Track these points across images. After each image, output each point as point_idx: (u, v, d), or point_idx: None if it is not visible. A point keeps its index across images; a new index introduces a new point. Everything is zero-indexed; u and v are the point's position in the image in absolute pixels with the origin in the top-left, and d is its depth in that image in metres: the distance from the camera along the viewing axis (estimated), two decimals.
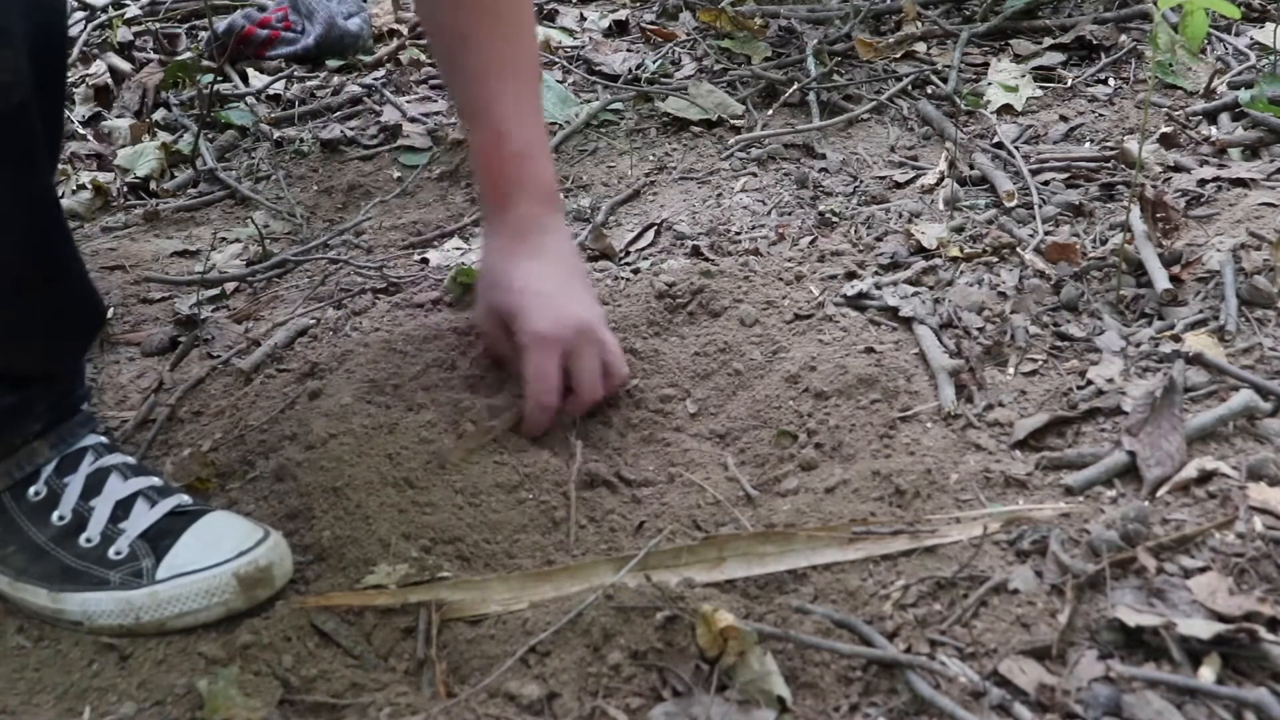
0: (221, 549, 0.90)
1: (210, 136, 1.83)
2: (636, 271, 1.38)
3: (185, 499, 0.96)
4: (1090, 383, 1.06)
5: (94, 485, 0.95)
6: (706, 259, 1.36)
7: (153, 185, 1.75)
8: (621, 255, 1.43)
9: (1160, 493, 0.92)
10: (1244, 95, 1.60)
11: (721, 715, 0.78)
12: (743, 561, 0.90)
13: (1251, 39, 1.83)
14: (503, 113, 1.13)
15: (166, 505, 0.94)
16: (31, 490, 0.95)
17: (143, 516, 0.93)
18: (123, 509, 0.94)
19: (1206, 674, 0.76)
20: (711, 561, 0.90)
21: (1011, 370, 1.11)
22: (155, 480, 0.97)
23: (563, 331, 1.07)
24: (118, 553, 0.92)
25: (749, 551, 0.91)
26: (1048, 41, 1.90)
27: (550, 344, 1.07)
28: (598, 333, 1.10)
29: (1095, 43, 1.87)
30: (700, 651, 0.82)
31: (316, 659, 0.86)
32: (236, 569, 0.89)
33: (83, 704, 0.84)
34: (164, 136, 1.87)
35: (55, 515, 0.94)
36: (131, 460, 1.00)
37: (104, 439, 1.00)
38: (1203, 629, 0.78)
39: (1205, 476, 0.92)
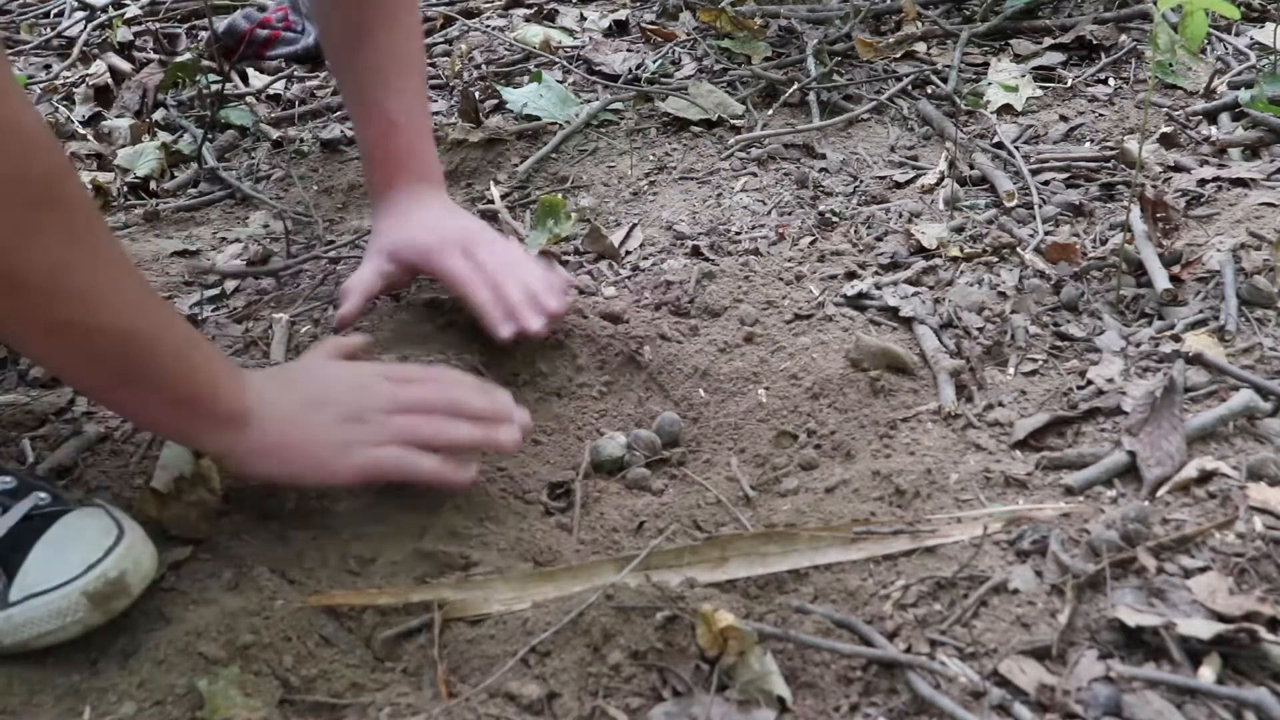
0: (69, 564, 0.85)
1: (210, 136, 1.83)
2: (636, 271, 1.38)
3: (42, 497, 0.91)
4: (1090, 383, 1.06)
5: None
6: (706, 259, 1.37)
7: (153, 185, 1.75)
8: (622, 255, 1.43)
9: (1160, 493, 0.91)
10: (1244, 95, 1.60)
11: (721, 715, 0.78)
12: (745, 561, 0.90)
13: (1251, 39, 1.83)
14: (398, 105, 1.23)
15: (20, 510, 0.89)
16: None
17: None
18: None
19: (1206, 674, 0.76)
20: (714, 561, 0.90)
21: (1011, 370, 1.11)
22: (6, 481, 0.91)
23: (450, 234, 1.20)
24: None
25: (751, 551, 0.91)
26: (1048, 41, 1.90)
27: (448, 247, 1.18)
28: (490, 232, 1.23)
29: (1095, 43, 1.87)
30: (700, 651, 0.82)
31: (316, 659, 0.86)
32: (85, 586, 0.84)
33: (83, 704, 0.83)
34: (164, 136, 1.87)
35: None
36: None
37: None
38: (1203, 629, 0.78)
39: (1205, 476, 0.92)
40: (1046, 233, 1.35)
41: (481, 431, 0.99)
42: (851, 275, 1.29)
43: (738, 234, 1.42)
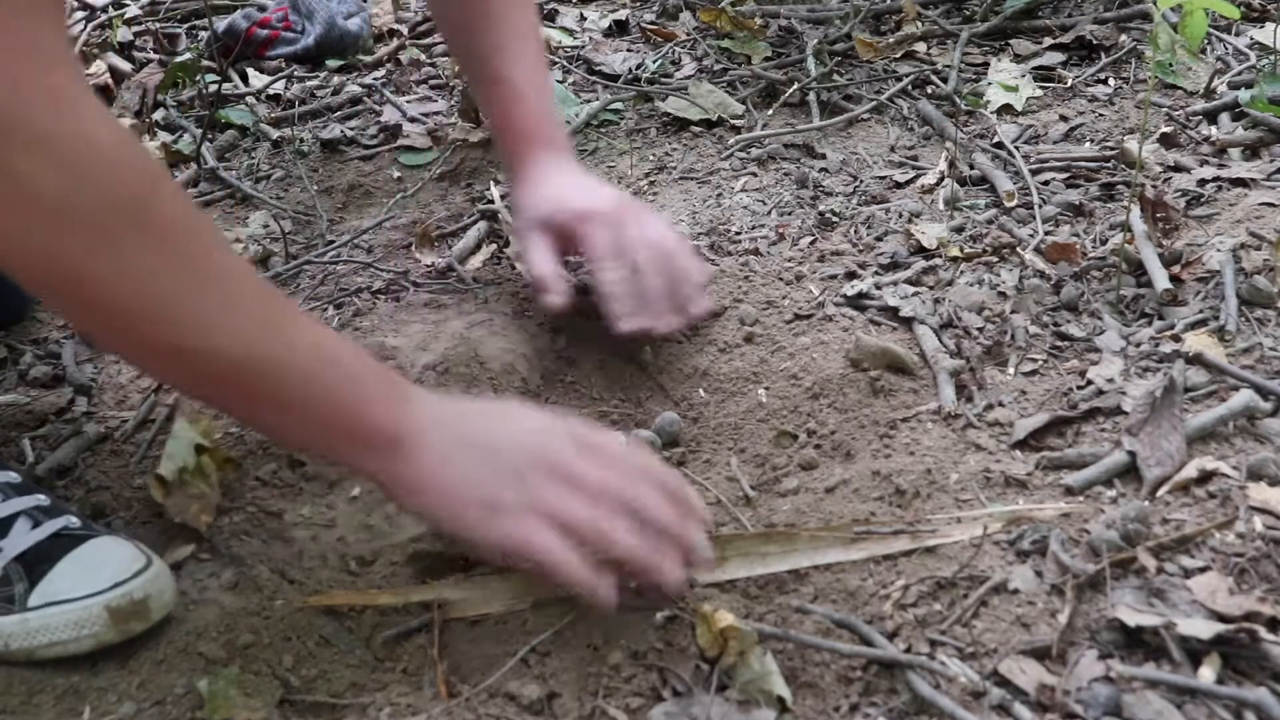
0: (98, 578, 0.86)
1: (210, 136, 1.83)
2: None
3: (74, 521, 0.92)
4: (1090, 383, 1.06)
5: None
6: (707, 259, 1.36)
7: None
8: None
9: (1160, 493, 0.92)
10: (1244, 95, 1.60)
11: (721, 715, 0.78)
12: (745, 561, 0.90)
13: (1251, 39, 1.83)
14: (523, 76, 1.22)
15: (52, 527, 0.91)
16: None
17: (22, 537, 0.90)
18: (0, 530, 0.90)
19: (1207, 674, 0.76)
20: (714, 561, 0.90)
21: (1011, 370, 1.11)
22: (41, 499, 0.94)
23: (601, 203, 1.17)
24: None
25: (751, 551, 0.91)
26: (1048, 41, 1.90)
27: (597, 215, 1.15)
28: (641, 205, 1.21)
29: (1095, 43, 1.87)
30: (700, 651, 0.82)
31: (316, 659, 0.86)
32: (109, 601, 0.85)
33: (83, 704, 0.83)
34: (164, 136, 1.87)
35: None
36: (15, 478, 0.96)
37: None
38: (1203, 629, 0.78)
39: (1205, 476, 0.92)
40: (1046, 233, 1.34)
41: (646, 557, 0.82)
42: (851, 275, 1.29)
43: (738, 234, 1.42)
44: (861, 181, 1.54)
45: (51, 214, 0.73)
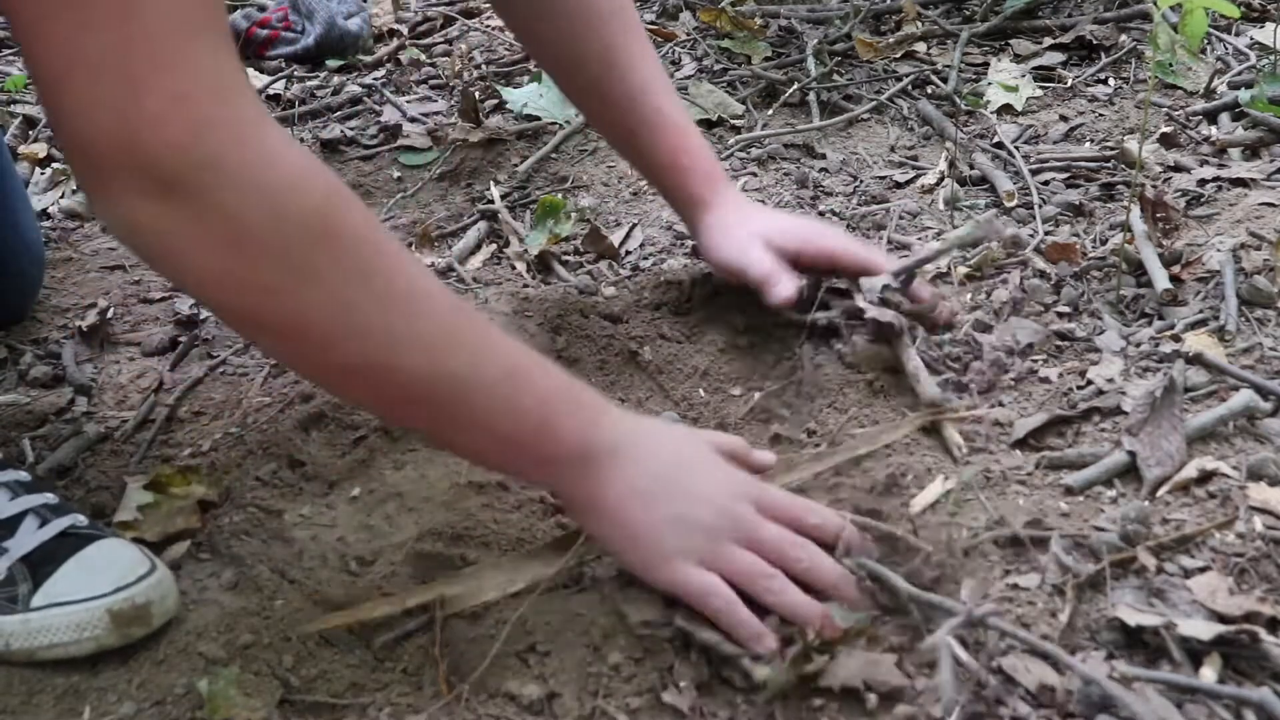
0: (101, 581, 0.87)
1: None
2: (636, 271, 1.38)
3: (81, 519, 0.93)
4: (1090, 383, 1.06)
5: None
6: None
7: None
8: (622, 255, 1.43)
9: (1160, 493, 0.91)
10: (1244, 95, 1.60)
11: None
12: None
13: (1251, 39, 1.83)
14: (675, 108, 1.20)
15: (59, 525, 0.91)
16: None
17: (29, 536, 0.90)
18: (7, 528, 0.91)
19: (1208, 674, 0.76)
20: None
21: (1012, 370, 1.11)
22: (49, 498, 0.94)
23: (814, 226, 1.19)
24: None
25: None
26: (1048, 41, 1.90)
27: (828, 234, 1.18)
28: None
29: (1095, 43, 1.87)
30: None
31: (316, 659, 0.86)
32: (111, 605, 0.86)
33: (83, 704, 0.84)
34: None
35: None
36: (25, 476, 0.97)
37: None
38: (1203, 629, 0.78)
39: (1205, 476, 0.92)
40: (1046, 233, 1.34)
41: (805, 616, 0.83)
42: None
43: None
44: (861, 181, 1.54)
45: (247, 242, 0.74)
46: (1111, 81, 1.77)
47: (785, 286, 1.13)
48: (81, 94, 0.70)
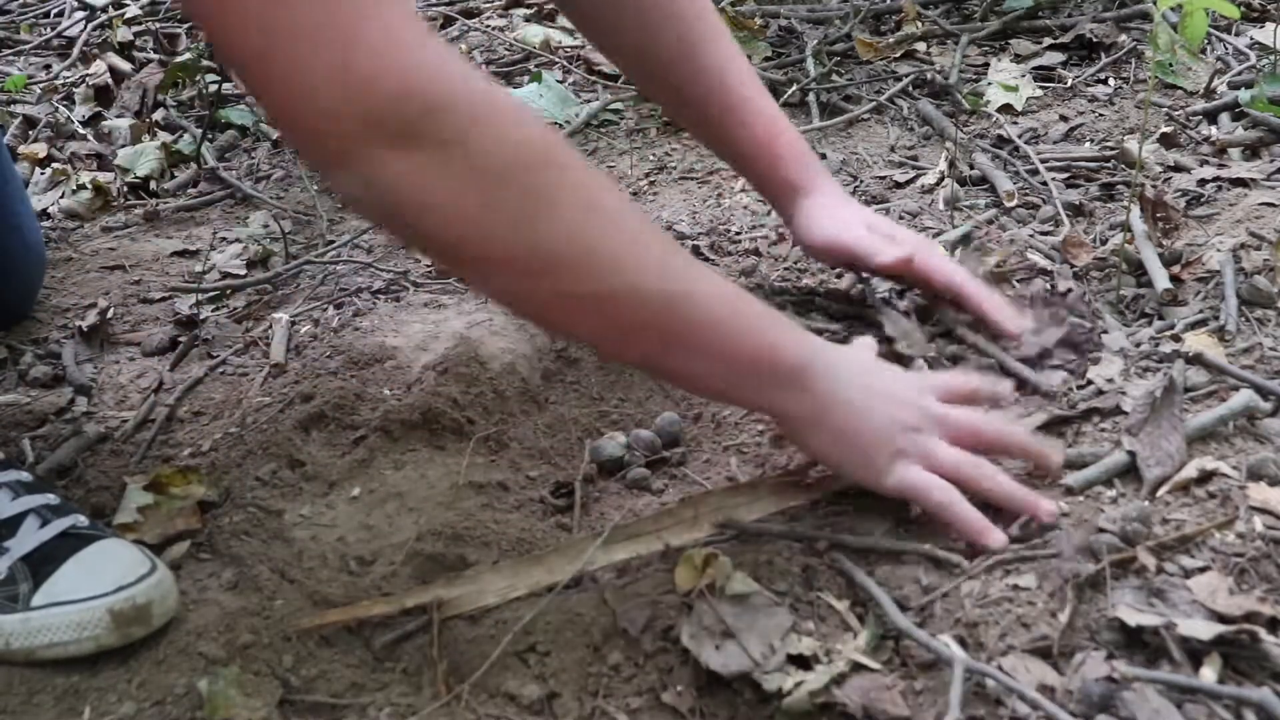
0: (102, 581, 0.87)
1: (210, 136, 1.83)
2: None
3: (81, 520, 0.93)
4: (1090, 383, 1.06)
5: None
6: (707, 259, 1.36)
7: (153, 185, 1.75)
8: None
9: (1160, 493, 0.91)
10: (1244, 95, 1.60)
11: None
12: (718, 515, 0.92)
13: (1251, 39, 1.83)
14: (762, 98, 1.18)
15: (60, 525, 0.92)
16: None
17: (29, 536, 0.91)
18: (8, 528, 0.91)
19: (1208, 674, 0.76)
20: (689, 521, 0.92)
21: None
22: (51, 498, 0.94)
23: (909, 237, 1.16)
24: None
25: (722, 504, 0.93)
26: (1048, 41, 1.90)
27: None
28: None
29: (1095, 43, 1.87)
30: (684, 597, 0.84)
31: (316, 659, 0.86)
32: (112, 604, 0.86)
33: (83, 704, 0.84)
34: (164, 136, 1.87)
35: None
36: (27, 476, 0.97)
37: None
38: (1203, 629, 0.78)
39: (1205, 476, 0.91)
40: (1046, 233, 1.34)
41: (1021, 498, 0.88)
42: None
43: (738, 234, 1.42)
44: (861, 181, 1.54)
45: (490, 175, 0.75)
46: (1111, 81, 1.77)
47: (888, 254, 1.13)
48: (292, 63, 0.70)
